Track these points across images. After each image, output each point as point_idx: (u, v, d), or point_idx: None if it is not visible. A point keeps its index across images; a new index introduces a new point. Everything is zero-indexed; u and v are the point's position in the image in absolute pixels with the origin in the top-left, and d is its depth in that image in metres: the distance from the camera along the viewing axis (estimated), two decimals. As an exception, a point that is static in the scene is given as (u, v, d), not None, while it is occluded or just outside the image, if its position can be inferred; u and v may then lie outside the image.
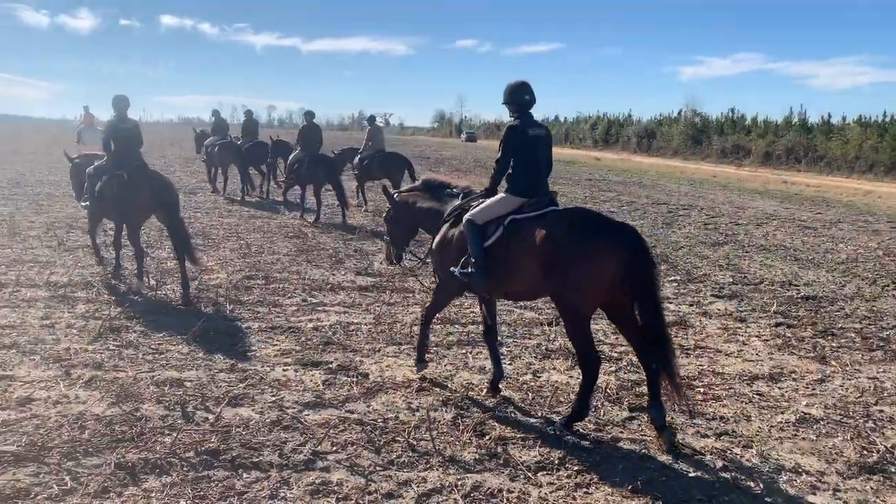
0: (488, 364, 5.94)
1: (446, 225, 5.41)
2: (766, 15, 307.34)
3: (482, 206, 5.10)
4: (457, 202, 5.43)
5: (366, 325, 7.07)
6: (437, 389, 5.44)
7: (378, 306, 7.80)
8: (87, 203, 8.90)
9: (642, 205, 19.05)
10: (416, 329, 6.02)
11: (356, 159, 16.28)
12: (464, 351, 6.38)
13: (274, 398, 5.10)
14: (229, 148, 17.35)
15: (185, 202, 15.87)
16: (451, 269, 5.19)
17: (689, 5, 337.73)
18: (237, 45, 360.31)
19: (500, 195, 5.12)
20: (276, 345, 6.36)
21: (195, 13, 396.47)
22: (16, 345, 6.03)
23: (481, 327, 5.71)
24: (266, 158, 17.90)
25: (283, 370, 5.72)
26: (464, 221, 5.10)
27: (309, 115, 14.88)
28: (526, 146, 5.04)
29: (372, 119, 17.25)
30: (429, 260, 5.91)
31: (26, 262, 9.21)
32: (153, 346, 6.17)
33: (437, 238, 5.46)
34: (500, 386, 5.45)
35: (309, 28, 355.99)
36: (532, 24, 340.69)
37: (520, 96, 5.11)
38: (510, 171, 5.05)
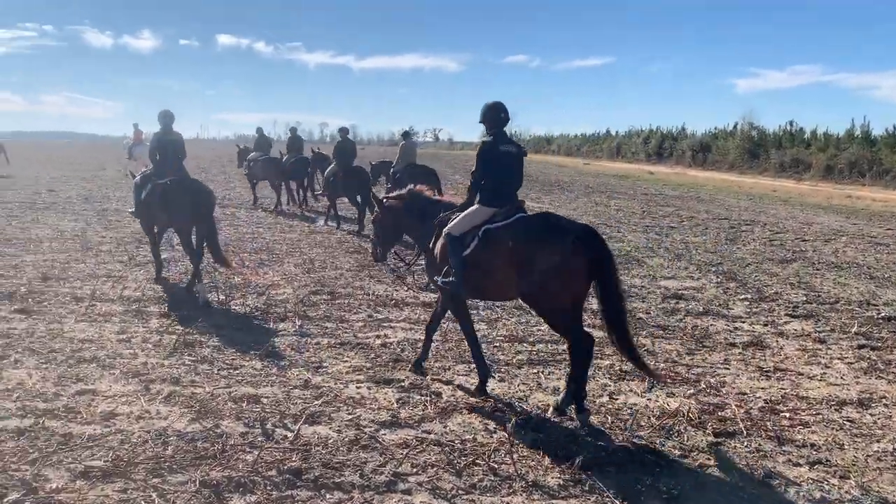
0: (562, 384, 5.84)
1: (433, 239, 5.81)
2: (823, 27, 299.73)
3: (458, 218, 5.53)
4: (440, 215, 5.80)
5: (433, 342, 7.01)
6: (512, 410, 5.35)
7: (444, 323, 7.73)
8: (134, 210, 9.45)
9: (703, 220, 18.63)
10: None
11: (391, 172, 16.88)
12: (535, 370, 6.28)
13: (350, 416, 5.08)
14: (270, 163, 18.30)
15: (246, 217, 16.21)
16: (435, 277, 5.69)
17: (743, 18, 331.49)
18: (291, 63, 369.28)
19: (474, 207, 5.53)
20: (346, 361, 6.36)
21: (251, 32, 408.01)
22: (95, 359, 6.16)
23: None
24: (307, 174, 18.71)
25: (357, 387, 5.70)
26: (443, 234, 5.55)
27: (343, 130, 15.89)
28: (497, 161, 5.48)
29: (406, 135, 17.74)
30: (417, 264, 6.49)
31: (100, 276, 9.46)
32: (227, 362, 6.23)
33: (428, 252, 5.90)
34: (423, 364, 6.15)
35: (361, 46, 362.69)
36: (582, 39, 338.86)
37: (495, 116, 5.56)
38: (482, 184, 5.51)
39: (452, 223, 5.52)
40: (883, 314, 8.61)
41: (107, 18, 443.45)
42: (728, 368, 6.48)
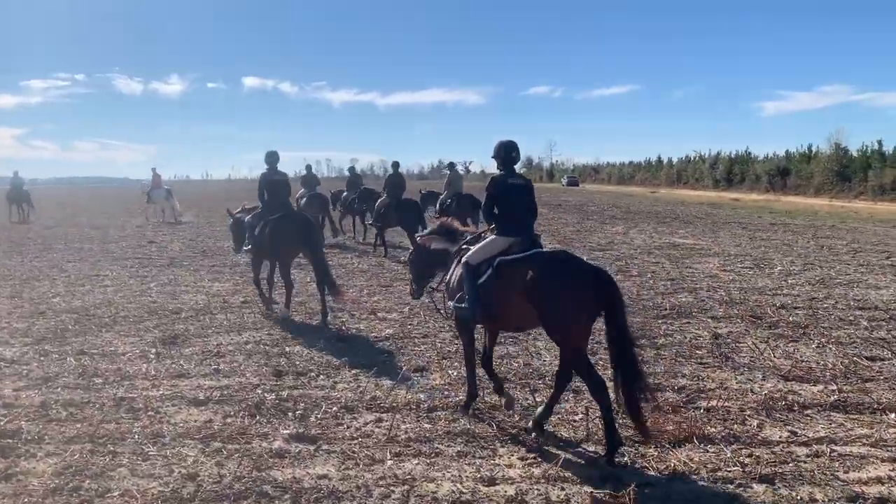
0: None
1: (452, 265, 5.94)
2: (851, 46, 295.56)
3: (476, 248, 5.63)
4: (459, 244, 5.99)
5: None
6: None
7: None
8: (249, 247, 9.78)
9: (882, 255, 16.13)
10: None
11: (438, 202, 17.54)
12: None
13: None
14: (316, 199, 18.77)
15: (398, 270, 13.96)
16: (449, 302, 5.83)
17: (767, 42, 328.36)
18: (316, 102, 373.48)
19: (490, 237, 5.64)
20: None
21: (275, 73, 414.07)
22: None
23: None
24: (362, 208, 19.15)
25: None
26: (461, 263, 5.65)
27: (394, 164, 16.93)
28: (507, 194, 5.63)
29: (451, 165, 18.82)
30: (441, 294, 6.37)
31: (326, 366, 7.34)
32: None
33: (446, 277, 6.04)
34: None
35: (384, 83, 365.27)
36: (604, 68, 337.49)
37: (507, 154, 5.71)
38: (496, 215, 5.64)
39: (470, 252, 5.64)
40: None
41: (136, 65, 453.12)
42: None
